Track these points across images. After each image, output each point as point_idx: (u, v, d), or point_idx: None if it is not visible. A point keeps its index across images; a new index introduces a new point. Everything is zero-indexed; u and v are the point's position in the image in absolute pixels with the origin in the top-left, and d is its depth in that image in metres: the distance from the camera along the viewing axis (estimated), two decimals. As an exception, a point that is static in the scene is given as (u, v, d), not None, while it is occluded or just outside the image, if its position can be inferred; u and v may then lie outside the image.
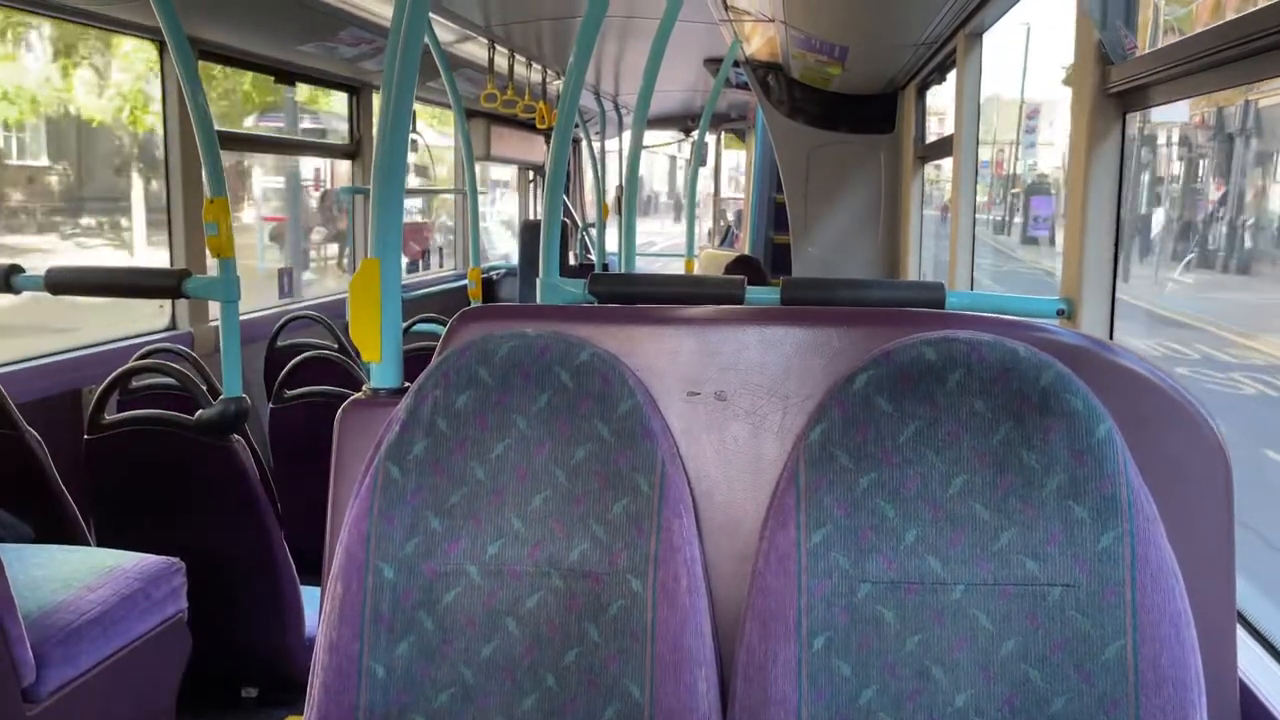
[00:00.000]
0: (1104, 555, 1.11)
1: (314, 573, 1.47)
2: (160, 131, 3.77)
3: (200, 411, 2.52)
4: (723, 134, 9.97)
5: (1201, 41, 1.54)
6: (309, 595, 2.70)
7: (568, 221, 7.12)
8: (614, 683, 1.16)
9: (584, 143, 8.55)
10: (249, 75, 5.75)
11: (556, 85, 5.81)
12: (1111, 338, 2.03)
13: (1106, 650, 1.09)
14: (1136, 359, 1.25)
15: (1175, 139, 13.41)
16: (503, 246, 9.95)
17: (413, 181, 7.89)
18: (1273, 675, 1.41)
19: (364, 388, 1.46)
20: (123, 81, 8.84)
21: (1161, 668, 1.08)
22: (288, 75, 4.55)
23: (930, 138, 4.25)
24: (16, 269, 2.57)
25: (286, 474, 3.26)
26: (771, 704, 1.12)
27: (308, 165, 10.03)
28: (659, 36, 2.97)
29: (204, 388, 2.64)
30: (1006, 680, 1.11)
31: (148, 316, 3.75)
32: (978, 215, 3.29)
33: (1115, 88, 1.91)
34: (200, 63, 3.45)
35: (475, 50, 4.89)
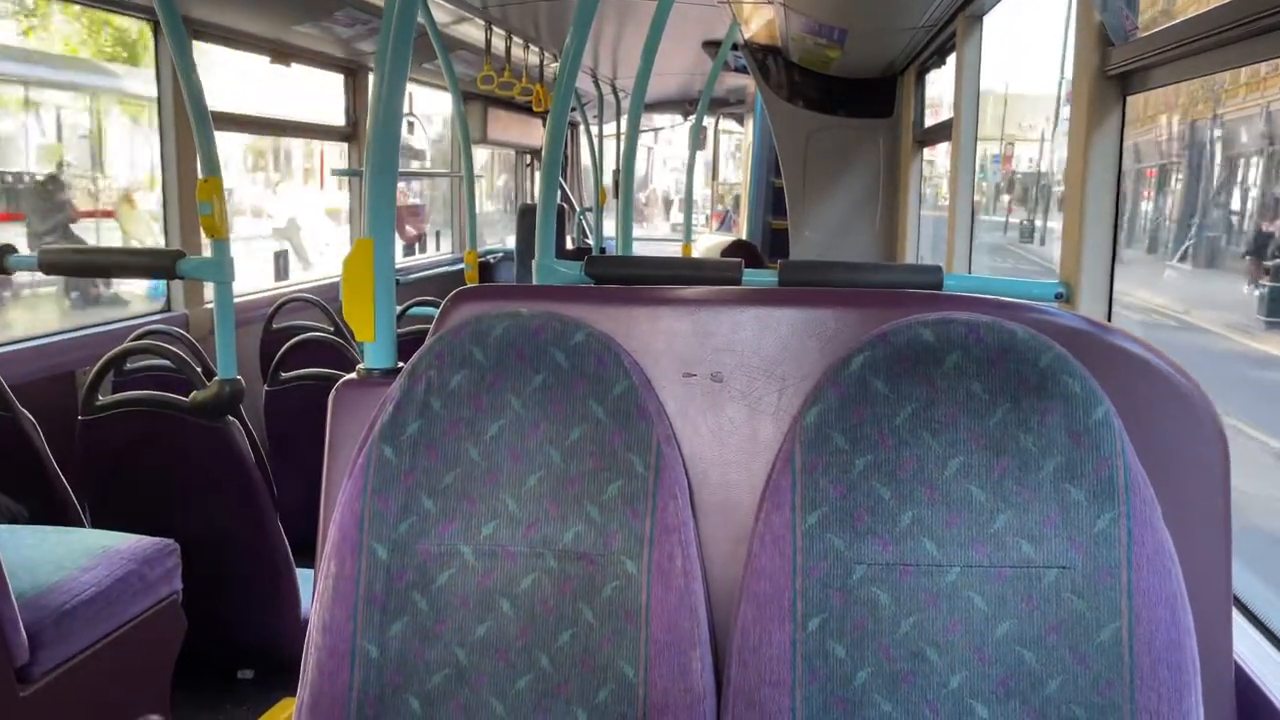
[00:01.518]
0: (1100, 537, 1.10)
1: (309, 554, 1.46)
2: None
3: (195, 393, 2.51)
4: (720, 120, 9.91)
5: (1203, 22, 1.53)
6: (304, 577, 2.71)
7: (564, 205, 7.09)
8: (608, 663, 1.16)
9: (581, 126, 8.50)
10: None
11: (554, 68, 5.77)
12: (1109, 320, 2.02)
13: (1102, 632, 1.09)
14: (1135, 342, 1.25)
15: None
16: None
17: (409, 164, 7.85)
18: (1268, 658, 1.41)
19: (358, 368, 1.45)
20: None
21: (1157, 650, 1.08)
22: (283, 55, 4.53)
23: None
24: (9, 249, 2.56)
25: (281, 456, 3.26)
26: (766, 685, 1.12)
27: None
28: (657, 18, 2.94)
29: (199, 369, 2.63)
30: (1001, 662, 1.11)
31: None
32: (992, 219, 3.25)
33: (1115, 69, 1.89)
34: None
35: (472, 31, 4.86)
